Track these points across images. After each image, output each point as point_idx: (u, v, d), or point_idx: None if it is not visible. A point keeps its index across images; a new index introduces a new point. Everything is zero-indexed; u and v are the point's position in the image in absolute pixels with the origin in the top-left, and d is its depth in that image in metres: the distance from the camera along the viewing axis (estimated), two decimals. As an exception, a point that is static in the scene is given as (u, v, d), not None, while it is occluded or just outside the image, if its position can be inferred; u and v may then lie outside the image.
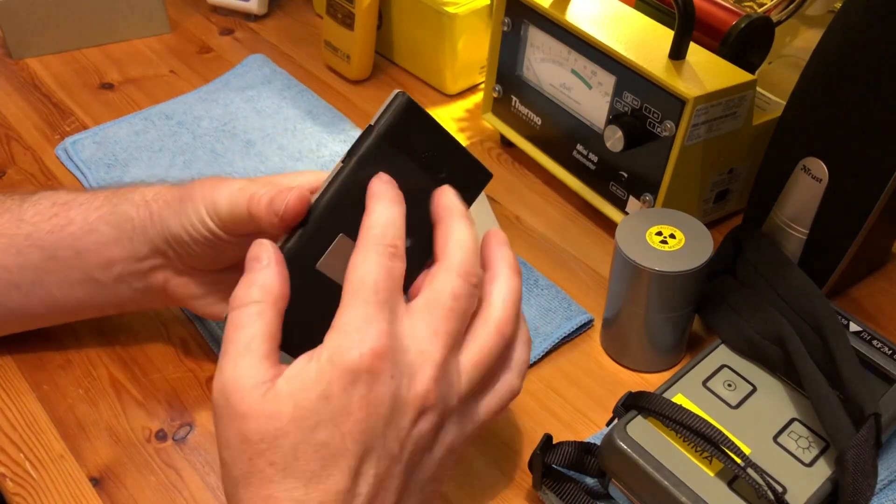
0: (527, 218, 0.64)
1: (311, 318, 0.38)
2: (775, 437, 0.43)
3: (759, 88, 0.60)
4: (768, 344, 0.46)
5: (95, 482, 0.46)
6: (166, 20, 0.84)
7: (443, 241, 0.38)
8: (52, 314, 0.49)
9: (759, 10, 0.65)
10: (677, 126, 0.53)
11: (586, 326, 0.55)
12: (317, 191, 0.39)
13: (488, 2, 0.72)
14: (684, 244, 0.47)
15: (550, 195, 0.66)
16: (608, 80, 0.57)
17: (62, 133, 0.71)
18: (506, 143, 0.71)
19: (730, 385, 0.46)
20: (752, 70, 0.59)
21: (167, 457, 0.47)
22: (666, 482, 0.40)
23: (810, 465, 0.42)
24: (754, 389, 0.46)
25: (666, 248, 0.47)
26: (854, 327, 0.48)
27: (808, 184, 0.51)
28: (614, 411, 0.44)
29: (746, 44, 0.59)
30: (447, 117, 0.74)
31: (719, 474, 0.40)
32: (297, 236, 0.39)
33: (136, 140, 0.69)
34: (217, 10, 0.88)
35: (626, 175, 0.58)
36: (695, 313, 0.51)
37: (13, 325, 0.50)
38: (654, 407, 0.41)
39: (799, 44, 0.69)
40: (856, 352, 0.46)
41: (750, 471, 0.38)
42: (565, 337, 0.54)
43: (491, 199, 0.64)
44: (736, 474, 0.40)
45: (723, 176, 0.59)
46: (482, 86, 0.74)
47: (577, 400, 0.51)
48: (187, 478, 0.46)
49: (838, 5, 0.59)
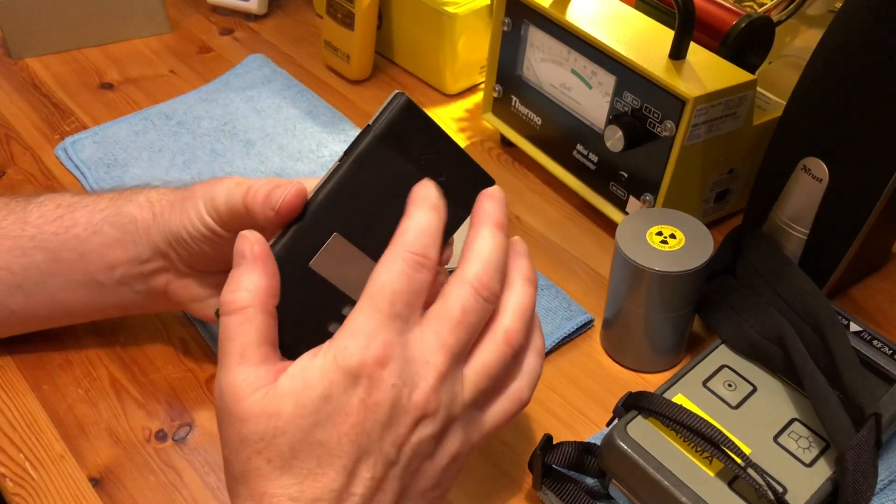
0: (527, 218, 0.64)
1: (301, 317, 0.38)
2: (775, 438, 0.43)
3: (759, 88, 0.60)
4: (768, 344, 0.46)
5: (95, 482, 0.46)
6: (166, 20, 0.84)
7: (465, 250, 0.38)
8: (55, 316, 0.49)
9: (759, 10, 0.65)
10: (677, 126, 0.53)
11: (586, 326, 0.55)
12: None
13: (488, 2, 0.72)
14: (684, 244, 0.47)
15: (550, 195, 0.66)
16: (608, 80, 0.57)
17: (62, 133, 0.71)
18: (506, 143, 0.71)
19: (730, 385, 0.46)
20: (752, 70, 0.59)
21: (167, 457, 0.47)
22: (666, 482, 0.40)
23: (810, 465, 0.42)
24: (754, 389, 0.46)
25: (666, 248, 0.47)
26: (854, 327, 0.48)
27: (808, 184, 0.51)
28: (614, 411, 0.44)
29: (746, 44, 0.59)
30: (447, 117, 0.74)
31: (719, 474, 0.40)
32: (291, 233, 0.39)
33: (136, 140, 0.69)
34: (217, 9, 0.88)
35: (626, 175, 0.58)
36: (695, 313, 0.51)
37: (15, 326, 0.50)
38: (654, 407, 0.41)
39: (799, 44, 0.69)
40: (856, 352, 0.46)
41: (750, 471, 0.38)
42: (565, 337, 0.54)
43: (491, 199, 0.64)
44: (736, 474, 0.40)
45: (723, 176, 0.59)
46: (482, 86, 0.74)
47: (577, 400, 0.51)
48: (187, 478, 0.46)
49: (838, 5, 0.59)
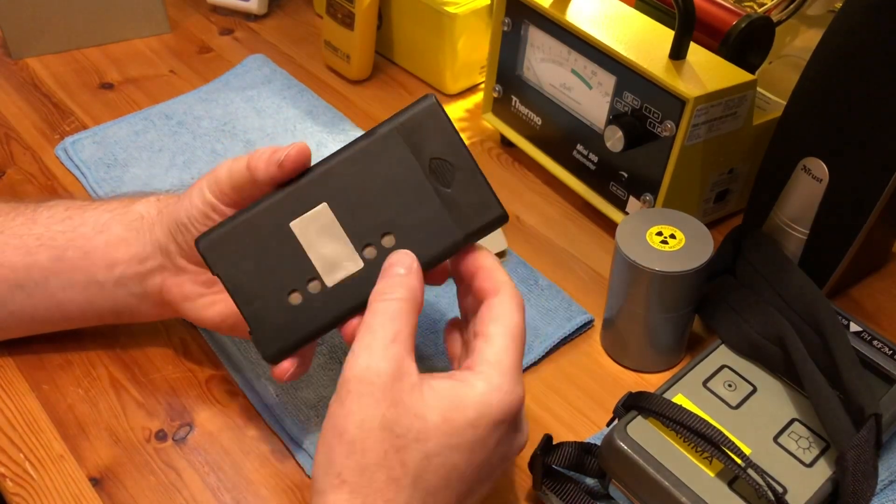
0: (527, 218, 0.64)
1: (266, 277, 0.40)
2: (775, 438, 0.43)
3: (759, 88, 0.60)
4: (768, 344, 0.46)
5: (95, 482, 0.46)
6: (166, 20, 0.84)
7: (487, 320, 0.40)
8: (52, 319, 0.49)
9: (759, 10, 0.65)
10: (677, 126, 0.53)
11: (586, 326, 0.55)
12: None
13: (488, 2, 0.72)
14: (684, 244, 0.47)
15: (550, 195, 0.66)
16: (608, 80, 0.57)
17: (62, 133, 0.71)
18: (506, 143, 0.71)
19: (730, 385, 0.46)
20: (752, 70, 0.59)
21: (167, 457, 0.47)
22: (666, 482, 0.40)
23: (811, 465, 0.42)
24: (754, 390, 0.45)
25: (666, 248, 0.47)
26: (854, 327, 0.48)
27: (808, 184, 0.51)
28: (614, 411, 0.44)
29: (746, 44, 0.59)
30: (447, 117, 0.74)
31: (719, 475, 0.40)
32: (285, 190, 0.40)
33: (136, 140, 0.69)
34: (217, 10, 0.88)
35: (626, 175, 0.58)
36: (695, 313, 0.51)
37: (12, 329, 0.50)
38: (654, 407, 0.41)
39: (799, 44, 0.69)
40: (856, 352, 0.46)
41: (750, 471, 0.38)
42: (565, 337, 0.54)
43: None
44: (736, 475, 0.40)
45: (723, 176, 0.59)
46: (482, 86, 0.74)
47: (577, 400, 0.51)
48: (187, 478, 0.46)
49: (838, 5, 0.59)
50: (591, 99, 0.59)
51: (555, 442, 0.44)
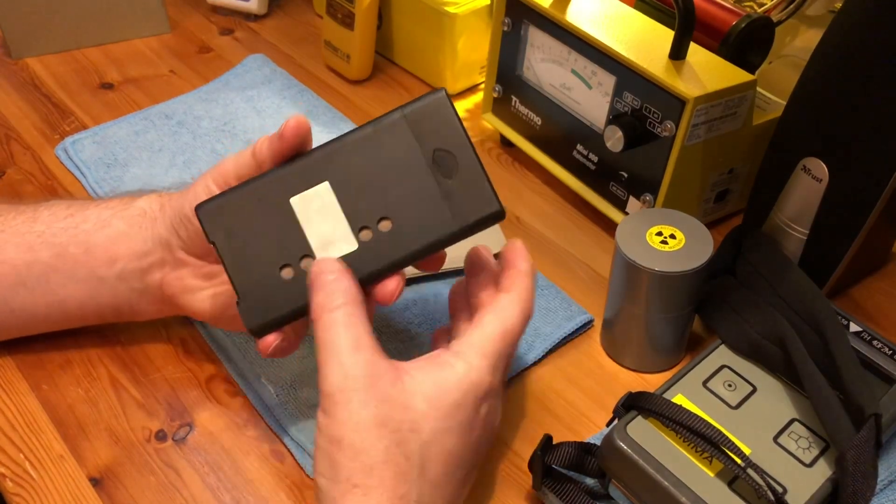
0: (527, 218, 0.64)
1: (261, 248, 0.40)
2: (775, 438, 0.43)
3: (759, 88, 0.60)
4: (768, 344, 0.46)
5: (95, 482, 0.46)
6: (166, 20, 0.84)
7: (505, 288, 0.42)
8: (52, 317, 0.49)
9: (759, 10, 0.65)
10: (677, 126, 0.53)
11: (586, 326, 0.55)
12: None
13: (488, 2, 0.72)
14: (684, 244, 0.47)
15: (550, 195, 0.66)
16: (608, 80, 0.57)
17: (62, 133, 0.71)
18: (506, 143, 0.71)
19: (730, 385, 0.46)
20: (752, 70, 0.59)
21: (167, 457, 0.47)
22: (666, 482, 0.40)
23: (810, 465, 0.42)
24: (754, 390, 0.45)
25: (666, 248, 0.47)
26: (854, 327, 0.48)
27: (808, 184, 0.51)
28: (614, 412, 0.44)
29: (746, 44, 0.59)
30: (447, 117, 0.74)
31: (719, 475, 0.40)
32: (288, 164, 0.41)
33: (136, 140, 0.69)
34: (217, 10, 0.88)
35: (626, 175, 0.58)
36: (695, 313, 0.51)
37: (13, 328, 0.50)
38: (654, 407, 0.41)
39: (799, 44, 0.69)
40: (856, 352, 0.46)
41: (750, 471, 0.38)
42: (565, 337, 0.54)
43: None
44: (736, 475, 0.40)
45: (723, 176, 0.59)
46: (482, 86, 0.74)
47: (577, 400, 0.51)
48: (187, 478, 0.46)
49: (838, 5, 0.59)
50: (591, 99, 0.59)
51: (555, 442, 0.44)
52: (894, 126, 0.47)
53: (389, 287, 0.41)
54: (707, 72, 0.53)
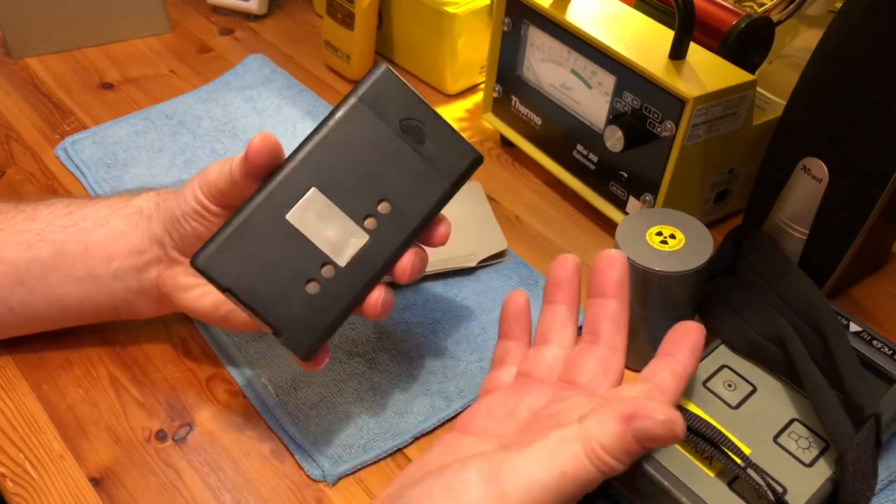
0: (527, 218, 0.64)
1: (279, 272, 0.40)
2: (775, 438, 0.43)
3: (759, 88, 0.60)
4: (768, 344, 0.46)
5: (95, 482, 0.46)
6: (166, 20, 0.84)
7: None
8: (51, 315, 0.49)
9: (759, 10, 0.65)
10: (677, 126, 0.53)
11: (586, 326, 0.55)
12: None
13: (488, 2, 0.72)
14: (684, 244, 0.47)
15: (550, 195, 0.66)
16: (608, 80, 0.57)
17: (62, 133, 0.71)
18: (506, 143, 0.71)
19: (730, 385, 0.46)
20: (752, 70, 0.59)
21: (167, 457, 0.47)
22: (666, 482, 0.40)
23: (810, 465, 0.42)
24: (754, 390, 0.46)
25: (666, 248, 0.47)
26: (854, 327, 0.48)
27: (808, 184, 0.51)
28: (614, 411, 0.44)
29: (746, 44, 0.59)
30: (447, 117, 0.74)
31: (719, 475, 0.40)
32: (270, 184, 0.41)
33: (136, 140, 0.69)
34: (217, 10, 0.88)
35: (626, 175, 0.58)
36: (695, 313, 0.51)
37: (12, 327, 0.50)
38: (654, 407, 0.41)
39: (799, 44, 0.69)
40: (856, 352, 0.46)
41: (750, 471, 0.38)
42: (565, 337, 0.53)
43: (491, 199, 0.64)
44: (736, 475, 0.40)
45: (723, 176, 0.59)
46: (482, 86, 0.74)
47: (577, 400, 0.51)
48: (187, 478, 0.46)
49: (838, 5, 0.59)
50: (591, 99, 0.59)
51: (555, 442, 0.44)
52: (894, 126, 0.47)
53: (406, 261, 0.42)
54: (707, 72, 0.53)
